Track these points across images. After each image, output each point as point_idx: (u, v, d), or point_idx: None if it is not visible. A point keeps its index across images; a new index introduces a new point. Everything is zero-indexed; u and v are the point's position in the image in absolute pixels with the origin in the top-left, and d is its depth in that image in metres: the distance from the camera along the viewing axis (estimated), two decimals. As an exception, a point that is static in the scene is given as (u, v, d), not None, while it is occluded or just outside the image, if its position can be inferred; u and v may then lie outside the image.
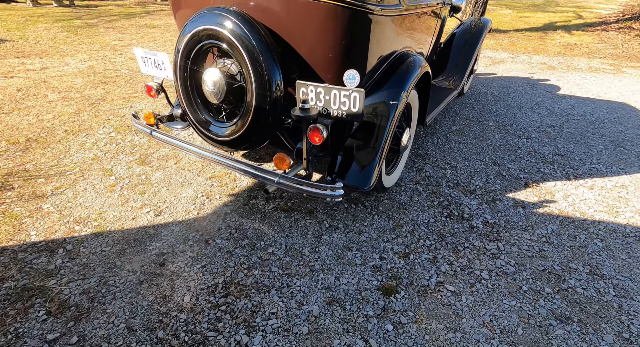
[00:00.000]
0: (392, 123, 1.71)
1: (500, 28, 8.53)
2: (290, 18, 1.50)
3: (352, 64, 1.58)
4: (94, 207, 1.93)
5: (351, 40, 1.51)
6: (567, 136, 3.08)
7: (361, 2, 1.40)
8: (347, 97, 1.42)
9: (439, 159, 2.67)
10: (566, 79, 4.82)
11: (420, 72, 1.85)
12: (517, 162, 2.63)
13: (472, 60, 3.43)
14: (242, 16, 1.48)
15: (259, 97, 1.52)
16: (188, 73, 1.68)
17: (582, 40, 7.29)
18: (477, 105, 3.85)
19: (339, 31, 1.46)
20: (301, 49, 1.57)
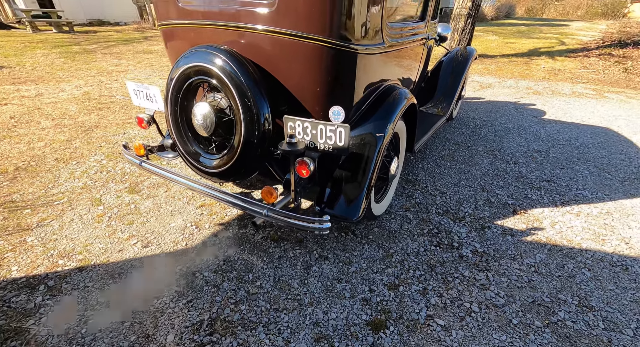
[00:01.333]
0: (379, 154, 1.74)
1: (487, 53, 8.86)
2: (278, 56, 1.56)
3: (338, 98, 1.63)
4: (79, 239, 1.91)
5: (337, 76, 1.56)
6: (554, 161, 3.15)
7: (346, 43, 1.46)
8: (333, 132, 1.46)
9: (428, 185, 2.70)
10: (551, 104, 4.98)
11: (405, 104, 1.91)
12: (505, 188, 2.66)
13: (459, 87, 3.55)
14: (232, 54, 1.54)
15: (248, 130, 1.55)
16: (179, 106, 1.71)
17: (565, 65, 7.59)
18: (466, 129, 3.94)
19: (326, 68, 1.52)
20: (289, 85, 1.62)
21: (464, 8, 7.67)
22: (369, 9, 1.48)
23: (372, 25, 1.54)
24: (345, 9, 1.39)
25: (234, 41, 1.64)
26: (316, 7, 1.38)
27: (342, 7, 1.38)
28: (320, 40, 1.43)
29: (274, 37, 1.52)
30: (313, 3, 1.38)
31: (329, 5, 1.37)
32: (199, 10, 1.68)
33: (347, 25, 1.43)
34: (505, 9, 17.45)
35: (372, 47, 1.61)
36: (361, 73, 1.65)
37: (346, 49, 1.48)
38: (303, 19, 1.43)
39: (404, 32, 1.93)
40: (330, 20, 1.40)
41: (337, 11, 1.39)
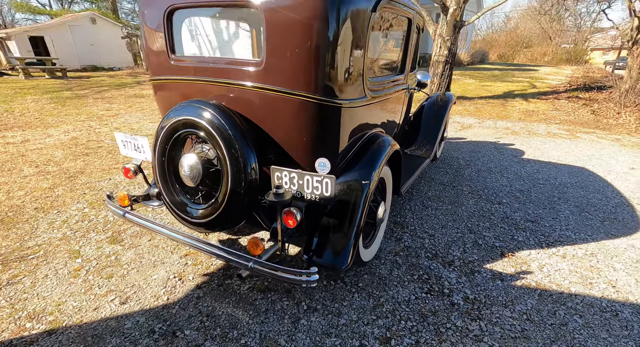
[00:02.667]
0: (366, 201, 1.77)
1: (466, 95, 9.42)
2: (266, 110, 1.64)
3: (324, 148, 1.69)
4: (52, 298, 1.80)
5: (322, 128, 1.63)
6: (536, 201, 3.23)
7: (330, 99, 1.55)
8: (319, 183, 1.49)
9: (417, 227, 2.71)
10: (529, 144, 5.22)
11: (389, 151, 1.98)
12: (491, 230, 2.69)
13: (440, 130, 3.71)
14: (219, 108, 1.60)
15: (234, 180, 1.56)
16: (166, 157, 1.73)
17: (539, 107, 8.09)
18: (450, 170, 4.06)
19: (311, 121, 1.59)
20: (277, 136, 1.68)
21: (441, 55, 8.28)
22: (351, 68, 1.58)
23: (353, 82, 1.64)
24: (328, 69, 1.49)
25: (224, 95, 1.72)
26: (301, 67, 1.48)
27: (325, 68, 1.48)
28: (305, 96, 1.51)
29: (262, 93, 1.60)
30: (298, 64, 1.48)
31: (313, 66, 1.47)
32: (190, 67, 1.77)
33: (330, 83, 1.53)
34: (479, 55, 18.87)
35: (355, 100, 1.71)
36: (345, 124, 1.72)
37: (330, 103, 1.56)
38: (289, 78, 1.52)
39: (385, 85, 2.06)
40: (315, 79, 1.49)
41: (321, 71, 1.48)
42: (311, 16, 1.40)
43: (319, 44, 1.44)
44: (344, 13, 1.45)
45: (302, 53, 1.45)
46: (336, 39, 1.45)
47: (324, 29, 1.42)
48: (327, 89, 1.53)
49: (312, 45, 1.43)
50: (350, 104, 1.67)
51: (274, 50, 1.50)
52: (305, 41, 1.43)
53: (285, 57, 1.49)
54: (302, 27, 1.42)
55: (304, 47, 1.44)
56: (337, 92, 1.57)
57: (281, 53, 1.49)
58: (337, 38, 1.45)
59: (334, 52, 1.47)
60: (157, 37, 1.78)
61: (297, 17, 1.41)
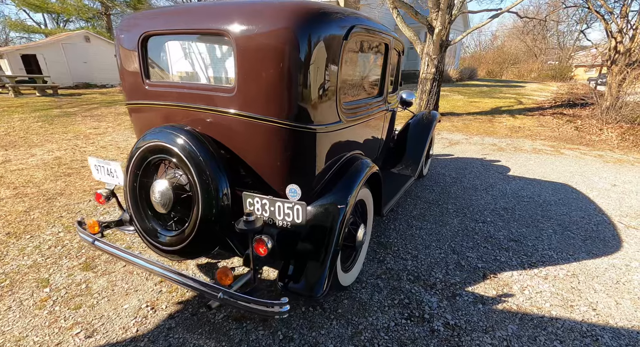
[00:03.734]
0: (342, 226, 1.75)
1: (454, 111, 9.59)
2: (240, 135, 1.63)
3: (299, 173, 1.68)
4: (12, 332, 1.71)
5: (296, 154, 1.63)
6: (519, 219, 3.24)
7: (303, 125, 1.55)
8: (290, 209, 1.47)
9: (400, 247, 2.68)
10: (514, 160, 5.29)
11: (366, 174, 1.97)
12: (475, 250, 2.67)
13: (425, 148, 3.74)
14: (191, 134, 1.59)
15: (205, 207, 1.54)
16: (138, 183, 1.71)
17: (524, 123, 8.26)
18: (437, 187, 4.07)
19: (285, 147, 1.58)
20: (251, 161, 1.67)
21: (429, 73, 8.47)
22: (323, 95, 1.60)
23: (327, 108, 1.65)
24: (300, 95, 1.50)
25: (198, 120, 1.71)
26: (273, 94, 1.49)
27: (297, 94, 1.49)
28: (277, 122, 1.51)
29: (236, 119, 1.60)
30: (270, 91, 1.48)
31: (285, 93, 1.48)
32: (165, 92, 1.77)
33: (302, 109, 1.54)
34: (468, 72, 19.38)
35: (330, 125, 1.71)
36: (321, 149, 1.72)
37: (303, 129, 1.56)
38: (261, 104, 1.52)
39: (362, 108, 2.07)
40: (287, 106, 1.50)
41: (293, 98, 1.49)
42: (282, 45, 1.42)
43: (290, 72, 1.45)
44: (315, 42, 1.48)
45: (274, 80, 1.46)
46: (307, 67, 1.47)
47: (295, 57, 1.44)
48: (300, 115, 1.53)
49: (283, 73, 1.45)
50: (325, 129, 1.68)
51: (245, 78, 1.51)
52: (276, 69, 1.44)
53: (257, 84, 1.50)
54: (272, 55, 1.44)
55: (275, 75, 1.45)
56: (311, 118, 1.57)
57: (253, 80, 1.50)
58: (308, 66, 1.47)
59: (305, 80, 1.49)
60: (132, 62, 1.78)
61: (267, 45, 1.43)
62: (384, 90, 2.44)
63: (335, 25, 1.58)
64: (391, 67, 2.60)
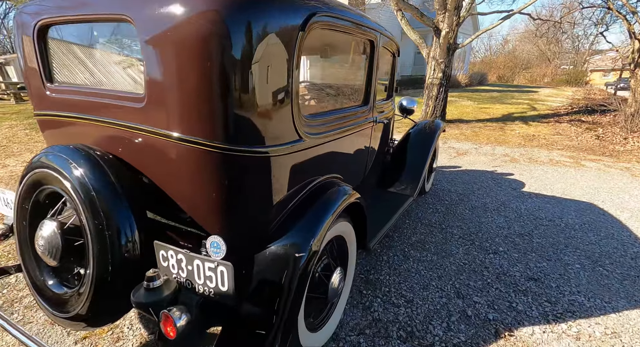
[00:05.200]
0: (302, 281, 1.30)
1: (463, 118, 9.06)
2: (159, 161, 1.20)
3: (242, 211, 1.24)
4: None
5: (236, 186, 1.18)
6: (539, 249, 2.72)
7: (243, 147, 1.11)
8: (212, 271, 1.03)
9: (392, 288, 2.21)
10: (529, 173, 4.75)
11: (340, 206, 1.51)
12: (484, 292, 2.18)
13: (426, 163, 3.26)
14: (88, 158, 1.17)
15: (99, 259, 1.10)
16: (27, 221, 1.29)
17: (539, 131, 7.68)
18: (441, 206, 3.58)
19: (219, 178, 1.14)
20: (176, 196, 1.24)
21: (435, 78, 8.00)
22: (272, 106, 1.16)
23: (278, 123, 1.21)
24: (237, 107, 1.07)
25: (111, 139, 1.29)
26: (197, 105, 1.06)
27: (232, 105, 1.06)
28: (205, 144, 1.08)
29: (149, 138, 1.17)
30: (193, 101, 1.05)
31: (215, 103, 1.05)
32: (71, 101, 1.36)
33: (241, 126, 1.11)
34: (477, 77, 18.79)
35: (285, 146, 1.27)
36: (273, 178, 1.28)
37: (242, 154, 1.13)
38: (182, 120, 1.09)
39: (336, 122, 1.62)
40: (218, 122, 1.07)
41: (226, 110, 1.06)
42: (207, 36, 0.99)
43: (220, 75, 1.02)
44: (259, 33, 1.05)
45: (196, 87, 1.03)
46: (246, 67, 1.04)
47: (227, 53, 1.01)
48: (237, 135, 1.10)
49: (209, 76, 1.02)
50: (276, 152, 1.24)
51: (157, 82, 1.09)
52: (199, 70, 1.02)
53: (174, 92, 1.07)
54: (193, 50, 1.01)
55: (198, 79, 1.03)
56: (253, 138, 1.14)
57: (168, 86, 1.07)
58: (248, 67, 1.04)
59: (243, 86, 1.06)
60: (30, 59, 1.38)
61: (186, 37, 1.01)
62: (370, 98, 1.99)
63: (288, 10, 1.15)
64: (379, 70, 2.16)
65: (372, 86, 1.98)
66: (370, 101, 2.00)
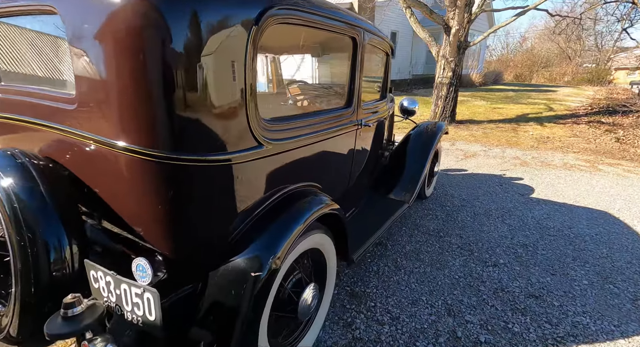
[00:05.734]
0: (257, 303, 1.18)
1: (474, 119, 8.75)
2: (96, 169, 1.11)
3: (191, 226, 1.13)
4: None
5: (181, 199, 1.07)
6: (543, 262, 2.52)
7: (188, 156, 1.00)
8: (139, 298, 0.92)
9: (378, 302, 2.06)
10: (540, 178, 4.49)
11: (310, 219, 1.38)
12: (478, 310, 2.01)
13: (425, 167, 3.10)
14: (19, 163, 1.08)
15: (24, 278, 1.01)
16: None
17: (555, 132, 7.32)
18: (441, 212, 3.39)
19: (160, 190, 1.03)
20: (117, 208, 1.14)
21: (445, 77, 7.74)
22: (222, 109, 1.05)
23: (230, 128, 1.09)
24: (180, 109, 0.96)
25: (47, 143, 1.21)
26: (132, 107, 0.95)
27: (173, 108, 0.95)
28: (143, 152, 0.97)
29: (85, 143, 1.08)
30: (127, 102, 0.95)
31: (152, 105, 0.94)
32: (2, 100, 1.27)
33: (184, 132, 0.99)
34: (492, 76, 18.22)
35: (240, 154, 1.15)
36: (228, 188, 1.17)
37: (186, 163, 1.01)
38: (117, 123, 0.99)
39: (308, 127, 1.49)
40: (158, 127, 0.96)
41: (167, 113, 0.95)
42: (140, 27, 0.88)
43: (158, 72, 0.92)
44: (207, 25, 0.94)
45: (131, 86, 0.93)
46: (190, 64, 0.93)
47: (167, 47, 0.90)
48: (179, 141, 0.99)
49: (144, 74, 0.91)
50: (229, 160, 1.12)
51: (87, 81, 0.99)
52: (132, 66, 0.91)
53: (107, 91, 0.97)
54: (125, 43, 0.90)
55: (132, 76, 0.92)
56: (198, 145, 1.03)
57: (100, 85, 0.97)
58: (193, 63, 0.93)
59: (187, 85, 0.95)
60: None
61: (116, 28, 0.90)
62: (353, 100, 1.85)
63: (238, 1, 1.03)
64: (370, 70, 2.02)
65: (355, 87, 1.84)
66: (353, 103, 1.86)
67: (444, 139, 6.70)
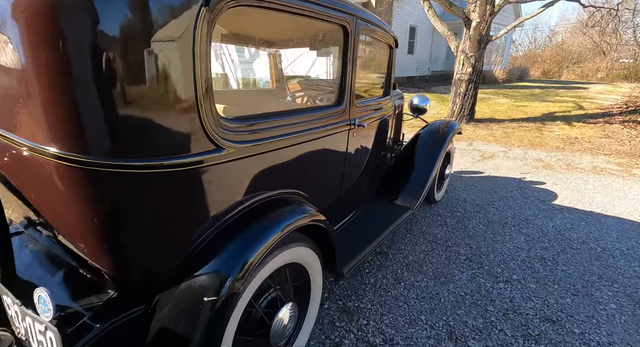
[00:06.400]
0: (211, 331, 1.03)
1: (495, 117, 8.30)
2: (25, 176, 0.98)
3: (139, 239, 0.98)
4: None
5: (124, 210, 0.93)
6: (563, 280, 2.24)
7: (124, 162, 0.86)
8: (42, 335, 0.78)
9: (371, 320, 1.88)
10: (565, 183, 4.12)
11: (283, 232, 1.21)
12: (484, 335, 1.78)
13: (433, 169, 2.87)
14: None
15: None
16: None
17: (584, 133, 6.80)
18: (451, 218, 3.15)
19: (96, 200, 0.89)
20: (51, 220, 1.01)
21: (464, 73, 7.36)
22: (159, 106, 0.89)
23: (178, 128, 0.94)
24: (110, 107, 0.82)
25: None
26: (50, 104, 0.81)
27: (100, 105, 0.81)
28: (67, 157, 0.83)
29: (5, 145, 0.95)
30: (45, 98, 0.81)
31: (76, 102, 0.79)
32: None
33: (116, 134, 0.85)
34: (517, 72, 17.33)
35: (187, 159, 0.98)
36: (179, 198, 1.01)
37: (124, 171, 0.87)
38: (37, 124, 0.85)
39: (284, 127, 1.31)
40: (83, 129, 0.82)
41: (94, 113, 0.81)
42: (56, 8, 0.74)
43: (84, 62, 0.77)
44: (138, 4, 0.78)
45: (49, 78, 0.78)
46: (116, 53, 0.78)
47: (92, 31, 0.76)
48: (110, 145, 0.85)
49: (64, 64, 0.77)
50: (177, 166, 0.96)
51: (5, 76, 0.85)
52: (48, 53, 0.76)
53: (20, 85, 0.83)
54: (36, 26, 0.76)
55: (51, 66, 0.78)
56: (136, 150, 0.88)
57: (12, 76, 0.84)
58: (119, 52, 0.79)
59: (115, 78, 0.80)
60: None
61: (27, 9, 0.76)
62: (345, 97, 1.66)
63: None
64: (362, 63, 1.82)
65: (347, 82, 1.64)
66: (344, 100, 1.66)
67: (461, 138, 6.36)
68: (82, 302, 1.00)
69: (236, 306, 1.12)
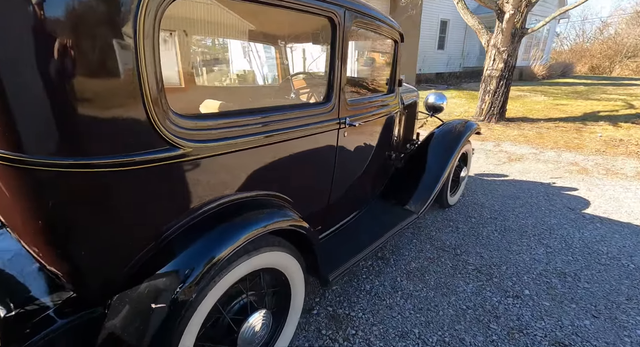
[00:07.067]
0: (166, 340, 1.00)
1: (528, 116, 7.75)
2: None
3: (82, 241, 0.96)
4: None
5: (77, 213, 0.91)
6: (583, 299, 2.01)
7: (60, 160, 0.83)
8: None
9: (360, 330, 1.78)
10: (600, 190, 3.74)
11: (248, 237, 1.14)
12: (481, 355, 1.63)
13: (445, 171, 2.69)
14: None
15: None
16: None
17: (631, 134, 6.15)
18: (464, 224, 2.94)
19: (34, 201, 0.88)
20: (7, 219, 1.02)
21: (495, 69, 6.93)
22: (101, 99, 0.85)
23: (117, 125, 0.89)
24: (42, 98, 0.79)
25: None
26: None
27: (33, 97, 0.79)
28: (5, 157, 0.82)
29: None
30: None
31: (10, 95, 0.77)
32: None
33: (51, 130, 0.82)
34: (559, 68, 16.12)
35: (133, 158, 0.92)
36: (128, 200, 0.97)
37: (61, 169, 0.84)
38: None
39: (249, 126, 1.23)
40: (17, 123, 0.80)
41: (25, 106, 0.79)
42: None
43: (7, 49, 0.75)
44: None
45: None
46: (44, 39, 0.75)
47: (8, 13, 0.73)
48: (48, 142, 0.82)
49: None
50: (122, 165, 0.92)
51: None
52: None
53: None
54: None
55: None
56: (73, 147, 0.85)
57: None
58: (48, 38, 0.75)
59: (49, 66, 0.77)
60: None
61: None
62: (333, 94, 1.56)
63: None
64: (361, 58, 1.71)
65: (335, 79, 1.54)
66: (333, 98, 1.57)
67: (488, 139, 5.99)
68: (40, 302, 1.00)
69: (196, 311, 1.08)
